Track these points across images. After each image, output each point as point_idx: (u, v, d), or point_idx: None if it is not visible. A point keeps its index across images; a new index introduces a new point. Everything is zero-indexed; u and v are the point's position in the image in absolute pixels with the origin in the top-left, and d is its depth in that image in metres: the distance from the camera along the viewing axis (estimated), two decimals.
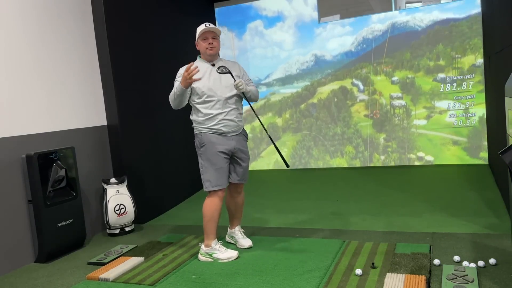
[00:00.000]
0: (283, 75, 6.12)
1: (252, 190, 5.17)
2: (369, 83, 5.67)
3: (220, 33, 3.14)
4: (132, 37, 4.43)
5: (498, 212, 3.59)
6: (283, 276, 2.74)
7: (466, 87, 5.22)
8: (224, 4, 6.19)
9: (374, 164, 5.73)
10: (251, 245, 3.30)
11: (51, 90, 3.73)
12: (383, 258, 2.86)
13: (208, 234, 3.13)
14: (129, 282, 2.86)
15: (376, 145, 5.72)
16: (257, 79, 6.21)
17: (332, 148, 5.93)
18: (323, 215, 4.05)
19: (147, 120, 4.58)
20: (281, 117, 6.19)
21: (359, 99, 5.73)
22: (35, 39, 3.60)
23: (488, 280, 2.44)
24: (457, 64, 5.25)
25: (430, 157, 5.47)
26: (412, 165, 5.46)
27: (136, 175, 4.35)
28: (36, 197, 3.38)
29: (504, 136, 2.96)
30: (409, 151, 5.56)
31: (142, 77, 4.55)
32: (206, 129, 3.08)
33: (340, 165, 5.89)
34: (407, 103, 5.50)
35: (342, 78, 5.80)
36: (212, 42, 3.06)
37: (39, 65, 3.62)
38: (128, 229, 4.03)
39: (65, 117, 3.85)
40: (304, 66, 6.01)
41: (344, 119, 5.83)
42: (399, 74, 5.52)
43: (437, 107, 5.38)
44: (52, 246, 3.45)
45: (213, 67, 3.10)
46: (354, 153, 5.84)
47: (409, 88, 5.49)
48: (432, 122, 5.43)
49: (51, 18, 3.76)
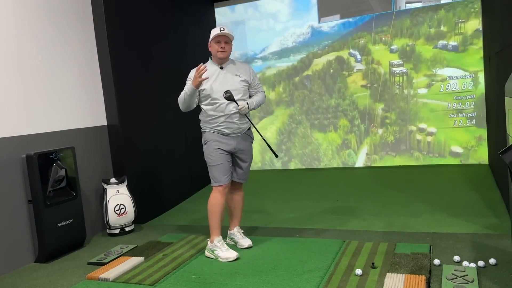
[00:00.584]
0: (279, 48, 5.95)
1: (252, 190, 5.16)
2: (367, 53, 5.49)
3: (233, 38, 3.20)
4: (132, 37, 4.43)
5: (498, 212, 3.59)
6: (283, 276, 2.74)
7: (469, 54, 5.00)
8: (224, 4, 6.18)
9: (370, 139, 5.50)
10: (250, 245, 3.31)
11: (51, 90, 3.73)
12: (383, 258, 2.86)
13: (212, 229, 3.19)
14: (129, 282, 2.86)
15: (374, 117, 5.49)
16: (253, 53, 6.06)
17: (326, 121, 5.71)
18: (323, 215, 4.05)
19: (147, 120, 4.58)
20: (274, 90, 6.01)
21: (356, 69, 5.54)
22: (35, 39, 3.60)
23: (488, 280, 2.44)
24: (459, 30, 5.04)
25: (433, 129, 5.25)
26: (412, 165, 5.45)
27: (136, 175, 4.35)
28: (36, 197, 3.38)
29: (504, 136, 2.96)
30: (410, 122, 5.32)
31: (142, 77, 4.54)
32: (210, 129, 3.20)
33: (333, 139, 5.68)
34: (408, 70, 5.28)
35: (339, 49, 5.62)
36: (224, 46, 3.14)
37: (39, 65, 3.62)
38: (128, 229, 4.04)
39: (65, 117, 3.85)
40: (301, 39, 5.82)
41: (340, 90, 5.60)
42: (398, 42, 5.34)
43: (439, 74, 5.19)
44: (52, 246, 3.45)
45: (221, 70, 3.17)
46: (349, 127, 5.63)
47: (409, 56, 5.30)
48: (433, 91, 5.22)
49: (51, 18, 3.76)
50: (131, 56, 4.40)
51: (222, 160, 3.15)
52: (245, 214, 3.50)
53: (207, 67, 3.08)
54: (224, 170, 3.15)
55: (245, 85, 3.21)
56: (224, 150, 3.16)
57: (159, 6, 4.91)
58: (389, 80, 5.43)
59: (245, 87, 3.21)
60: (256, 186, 5.28)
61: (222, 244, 3.15)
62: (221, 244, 3.15)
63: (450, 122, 5.23)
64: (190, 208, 4.77)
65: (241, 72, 3.21)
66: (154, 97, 4.66)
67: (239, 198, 3.41)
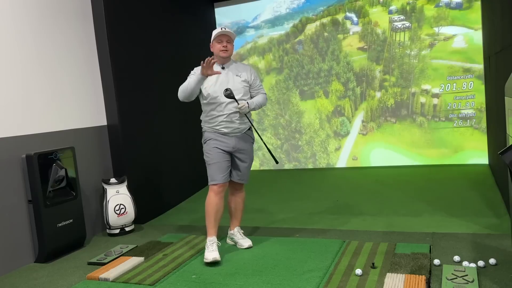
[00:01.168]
0: (272, 16, 5.71)
1: (252, 190, 5.16)
2: (364, 14, 5.23)
3: (235, 37, 3.21)
4: (132, 37, 4.43)
5: (498, 212, 3.59)
6: (283, 276, 2.74)
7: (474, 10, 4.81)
8: (224, 4, 6.18)
9: (367, 103, 5.21)
10: (250, 245, 3.31)
11: (51, 90, 3.72)
12: (383, 258, 2.86)
13: (207, 229, 3.18)
14: (129, 282, 2.86)
15: (371, 79, 5.16)
16: (244, 22, 5.86)
17: (317, 86, 5.41)
18: (323, 215, 4.05)
19: (147, 120, 4.58)
20: (264, 58, 5.79)
21: (352, 31, 5.27)
22: (35, 39, 3.60)
23: (488, 280, 2.44)
24: None
25: (437, 89, 4.99)
26: (412, 164, 5.44)
27: (136, 175, 4.35)
28: (36, 197, 3.38)
29: (504, 136, 2.96)
30: (413, 83, 5.04)
31: (142, 77, 4.54)
32: (209, 128, 3.21)
33: (323, 106, 5.36)
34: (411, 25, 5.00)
35: (335, 13, 5.37)
36: (226, 45, 3.14)
37: (39, 65, 3.62)
38: (128, 229, 4.03)
39: (65, 117, 3.85)
40: (294, 5, 5.58)
41: (333, 53, 5.30)
42: (397, 3, 5.12)
43: (441, 33, 4.98)
44: (52, 246, 3.44)
45: (223, 70, 3.17)
46: (343, 91, 5.28)
47: (409, 15, 5.07)
48: (437, 49, 4.97)
49: (51, 18, 3.76)
50: (131, 56, 4.40)
51: (219, 158, 3.15)
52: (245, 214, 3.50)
53: None
54: (220, 168, 3.14)
55: (245, 86, 3.21)
56: (221, 149, 3.16)
57: (159, 6, 4.91)
58: (389, 39, 5.11)
59: (246, 87, 3.21)
60: (256, 186, 5.28)
61: (211, 244, 3.11)
62: (210, 244, 3.11)
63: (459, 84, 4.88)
64: (190, 208, 4.77)
65: (242, 72, 3.21)
66: (154, 97, 4.66)
67: (240, 199, 3.40)
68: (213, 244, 3.11)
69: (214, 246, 3.10)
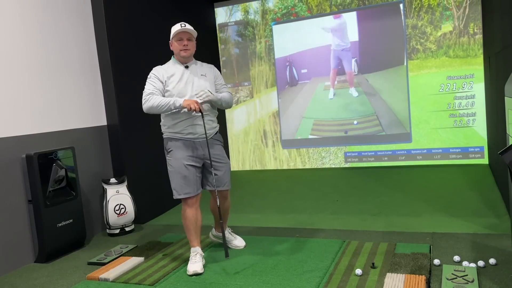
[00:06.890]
0: None
1: (252, 190, 5.17)
2: None
3: (196, 35, 2.99)
4: (132, 37, 4.43)
5: (498, 212, 3.59)
6: (283, 276, 2.74)
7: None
8: (224, 4, 6.18)
9: None
10: (244, 244, 3.31)
11: (51, 90, 3.73)
12: (383, 258, 2.86)
13: (189, 241, 3.03)
14: (129, 282, 2.86)
15: None
16: None
17: None
18: (323, 215, 4.05)
19: (147, 120, 4.56)
20: None
21: None
22: (35, 39, 3.60)
23: (488, 280, 2.44)
24: None
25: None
26: (412, 164, 5.44)
27: (136, 175, 4.35)
28: (36, 197, 3.38)
29: (504, 136, 2.97)
30: None
31: (142, 77, 4.52)
32: (173, 134, 2.98)
33: None
34: None
35: None
36: (187, 43, 2.93)
37: (39, 65, 3.62)
38: (128, 229, 4.04)
39: (65, 117, 3.85)
40: None
41: None
42: None
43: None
44: (52, 246, 3.45)
45: (186, 70, 2.97)
46: None
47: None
48: None
49: (51, 18, 3.76)
50: (131, 56, 4.40)
51: (189, 172, 2.91)
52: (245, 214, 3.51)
53: (170, 67, 2.94)
54: (192, 181, 2.92)
55: (212, 84, 3.03)
56: (190, 161, 2.92)
57: (159, 6, 4.91)
58: None
59: (213, 86, 3.03)
60: (256, 186, 5.28)
61: (194, 256, 2.96)
62: (193, 255, 2.97)
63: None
64: None
65: (206, 71, 3.04)
66: None
67: (227, 206, 3.23)
68: (196, 255, 2.96)
69: (198, 257, 2.95)
